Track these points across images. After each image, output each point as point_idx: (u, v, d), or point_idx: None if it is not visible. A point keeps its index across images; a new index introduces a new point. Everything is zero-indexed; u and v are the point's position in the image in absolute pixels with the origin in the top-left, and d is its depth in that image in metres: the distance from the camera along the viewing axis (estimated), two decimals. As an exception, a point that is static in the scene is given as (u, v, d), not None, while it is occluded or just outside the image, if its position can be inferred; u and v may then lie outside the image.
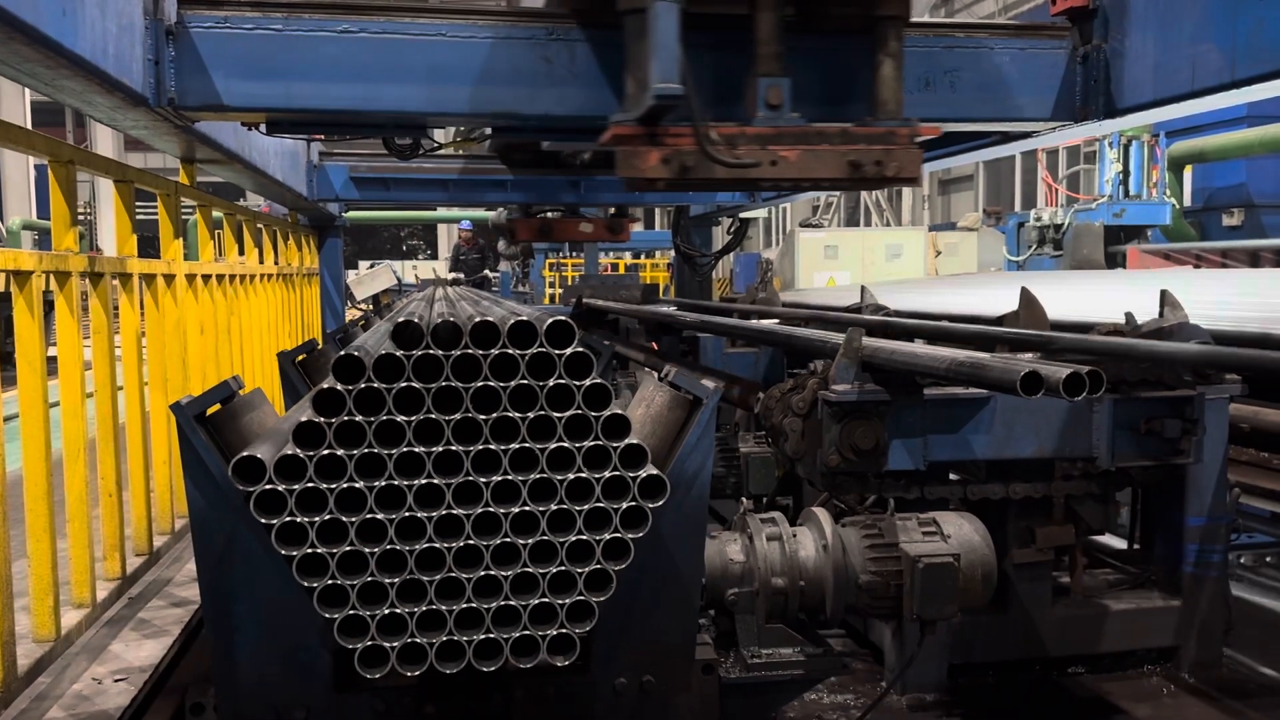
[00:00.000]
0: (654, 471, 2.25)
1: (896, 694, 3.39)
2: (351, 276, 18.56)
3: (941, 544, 3.03)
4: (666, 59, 2.96)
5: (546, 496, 2.23)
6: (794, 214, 28.26)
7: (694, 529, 2.53)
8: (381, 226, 40.11)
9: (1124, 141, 14.66)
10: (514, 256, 16.01)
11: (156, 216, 4.84)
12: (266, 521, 2.12)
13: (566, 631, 2.27)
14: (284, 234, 7.72)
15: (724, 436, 4.48)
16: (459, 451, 2.17)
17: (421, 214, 24.91)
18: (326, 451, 2.12)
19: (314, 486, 2.12)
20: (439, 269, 22.30)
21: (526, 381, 2.19)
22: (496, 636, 2.23)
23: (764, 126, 3.23)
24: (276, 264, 7.23)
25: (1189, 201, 14.87)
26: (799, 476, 3.89)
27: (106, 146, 24.75)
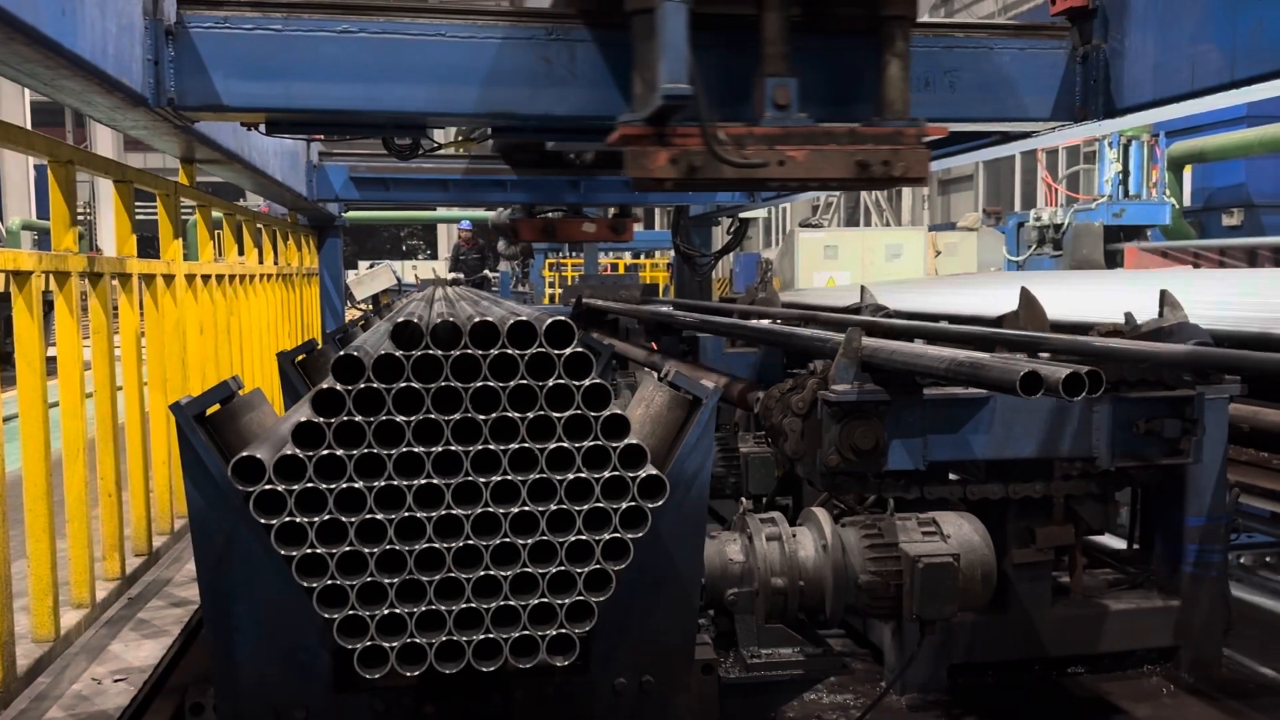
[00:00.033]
0: (653, 471, 2.25)
1: (896, 694, 3.39)
2: (351, 276, 18.56)
3: (941, 544, 3.03)
4: (675, 59, 2.95)
5: (546, 496, 2.23)
6: (794, 214, 28.25)
7: (693, 529, 2.53)
8: (381, 226, 40.12)
9: (1124, 141, 14.66)
10: (514, 256, 16.00)
11: (156, 216, 4.84)
12: (266, 522, 2.12)
13: (566, 631, 2.27)
14: (283, 234, 7.72)
15: (724, 436, 4.48)
16: (458, 451, 2.17)
17: (421, 214, 24.90)
18: (326, 452, 2.12)
19: (313, 487, 2.12)
20: (439, 269, 22.30)
21: (526, 382, 2.19)
22: (496, 636, 2.23)
23: (772, 126, 3.22)
24: (276, 264, 7.22)
25: (1189, 201, 14.87)
26: (798, 476, 3.89)
27: (106, 147, 24.76)
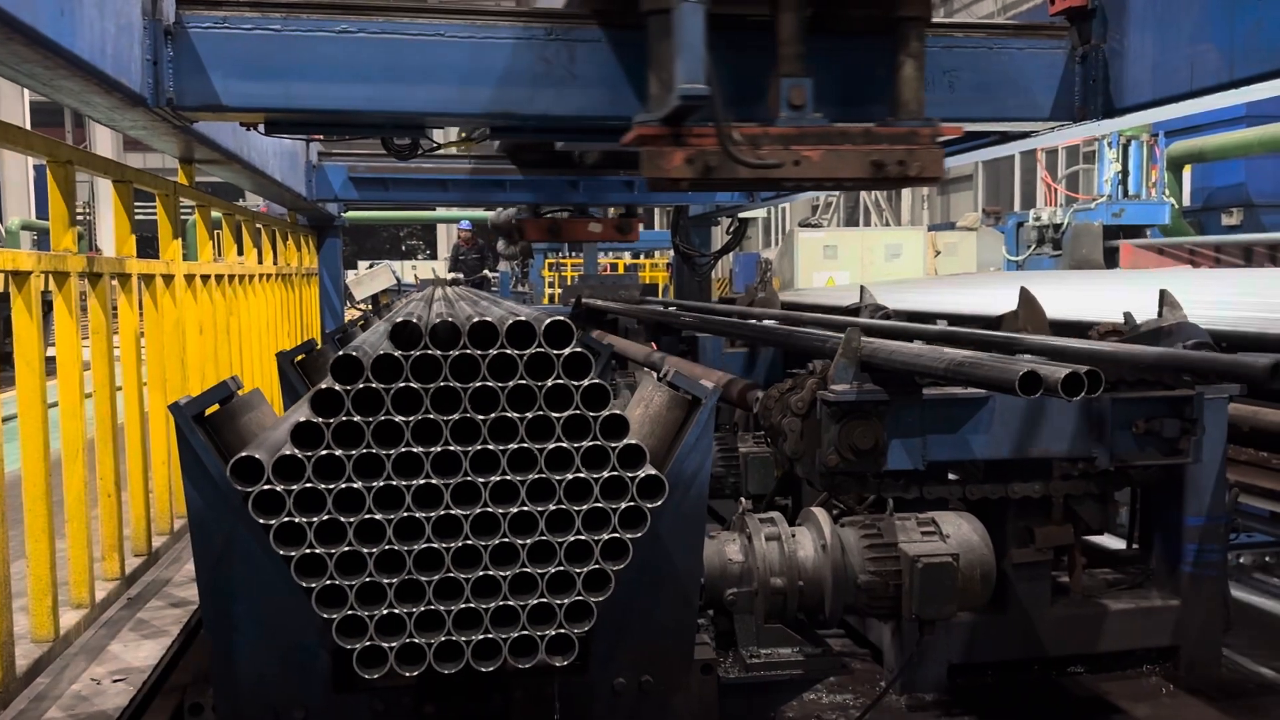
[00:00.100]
0: (652, 471, 2.25)
1: (895, 694, 3.39)
2: (350, 276, 18.56)
3: (940, 544, 3.03)
4: (692, 59, 2.94)
5: (545, 497, 2.23)
6: (793, 214, 28.26)
7: (693, 529, 2.53)
8: (380, 226, 40.13)
9: (1123, 141, 14.65)
10: (513, 256, 15.98)
11: (155, 217, 4.84)
12: (265, 522, 2.12)
13: (565, 631, 2.27)
14: (283, 234, 7.71)
15: (723, 436, 4.48)
16: (457, 452, 2.17)
17: (421, 214, 24.90)
18: (325, 452, 2.12)
19: (312, 487, 2.12)
20: (438, 269, 22.31)
21: (525, 382, 2.19)
22: (495, 636, 2.23)
23: (787, 126, 3.22)
24: (275, 264, 7.22)
25: (1188, 201, 14.85)
26: (798, 476, 3.90)
27: (105, 147, 24.76)
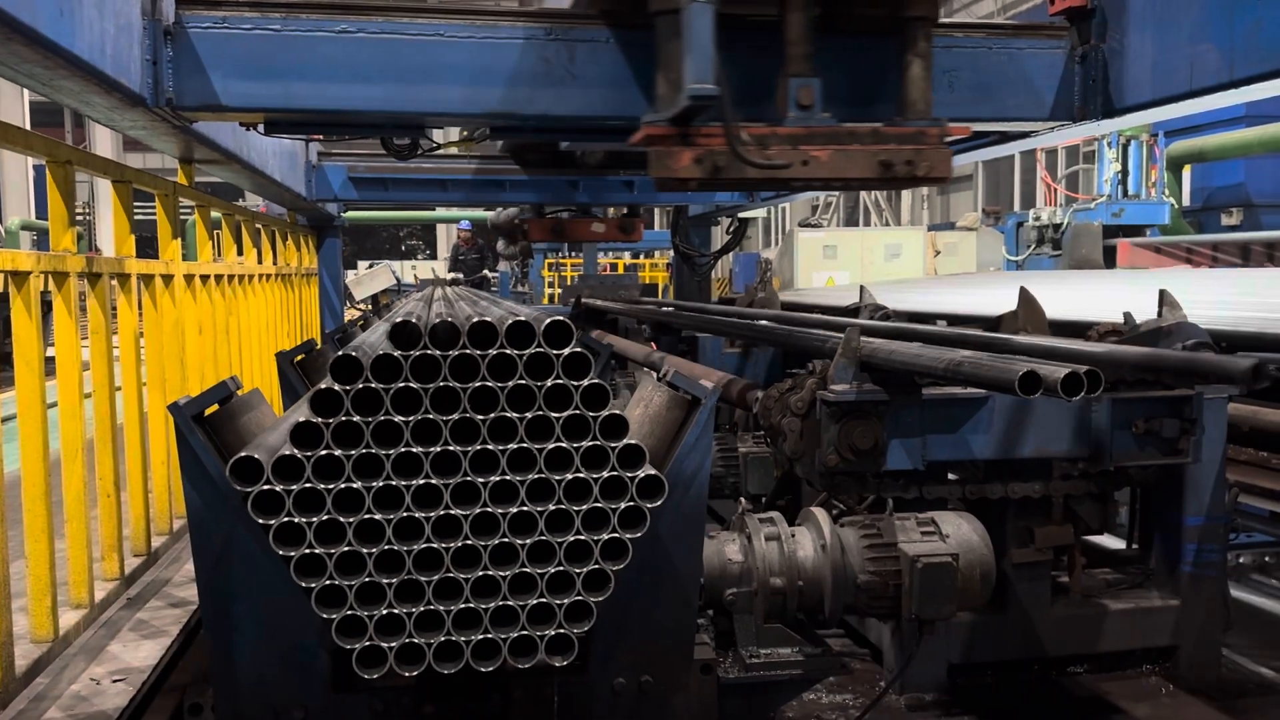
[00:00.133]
0: (652, 471, 2.25)
1: (895, 694, 3.39)
2: (350, 277, 18.56)
3: (940, 544, 3.03)
4: (701, 60, 2.93)
5: (544, 497, 2.23)
6: (793, 214, 28.26)
7: (692, 529, 2.53)
8: (380, 227, 40.13)
9: (1123, 141, 14.65)
10: (513, 256, 15.97)
11: (155, 217, 4.84)
12: (264, 522, 2.12)
13: (565, 631, 2.27)
14: (282, 234, 7.71)
15: (722, 436, 4.48)
16: (457, 452, 2.17)
17: (420, 214, 24.90)
18: (324, 452, 2.12)
19: (312, 487, 2.12)
20: (438, 269, 22.32)
21: (524, 382, 2.19)
22: (495, 636, 2.23)
23: (795, 127, 3.21)
24: (275, 264, 7.22)
25: (1188, 201, 14.85)
26: (797, 476, 3.89)
27: (105, 147, 24.77)
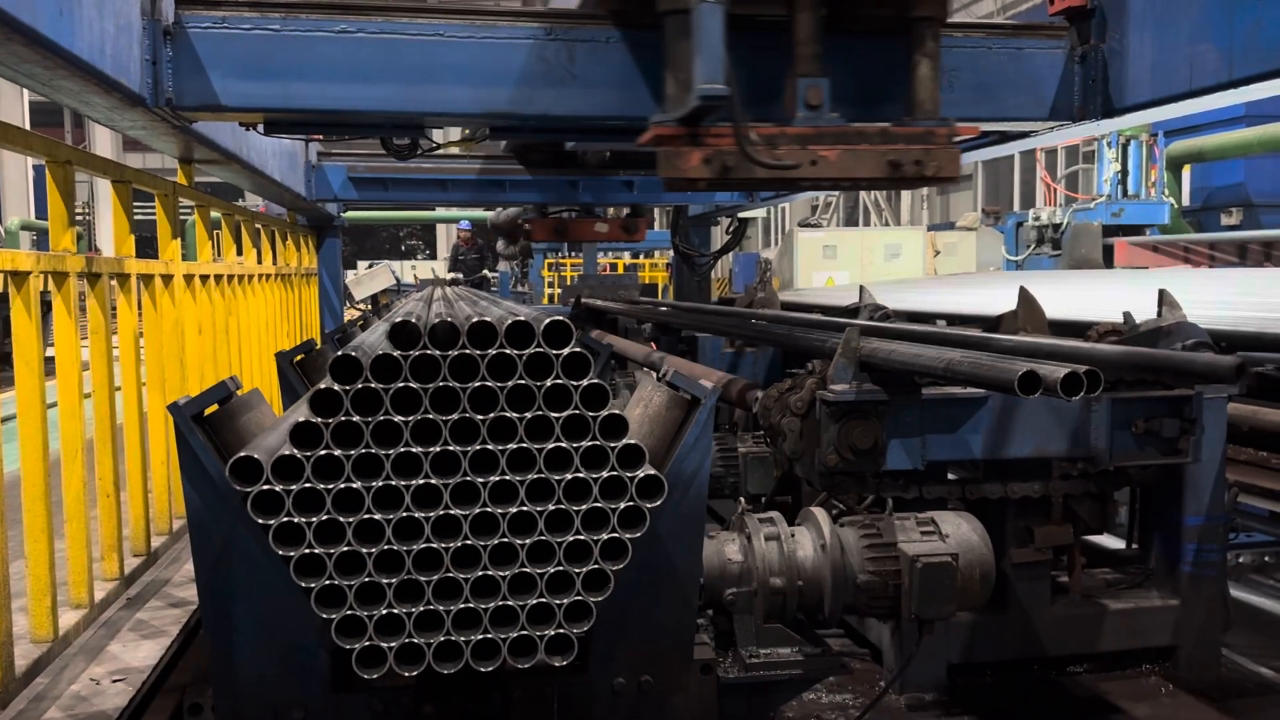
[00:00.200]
0: (652, 471, 2.25)
1: (895, 693, 3.39)
2: (350, 277, 18.57)
3: (940, 543, 3.03)
4: (712, 60, 2.93)
5: (544, 497, 2.23)
6: (793, 214, 28.26)
7: (692, 529, 2.53)
8: (380, 227, 40.13)
9: (1122, 141, 14.65)
10: (513, 256, 15.99)
11: (154, 217, 4.84)
12: (264, 522, 2.11)
13: (564, 631, 2.27)
14: (282, 234, 7.71)
15: (722, 436, 4.48)
16: (456, 452, 2.17)
17: (420, 214, 24.90)
18: (324, 452, 2.12)
19: (311, 487, 2.12)
20: (438, 269, 22.32)
21: (524, 381, 2.19)
22: (494, 636, 2.23)
23: (804, 126, 3.22)
24: (275, 264, 7.22)
25: (1187, 201, 14.85)
26: (797, 476, 3.89)
27: (105, 147, 24.78)
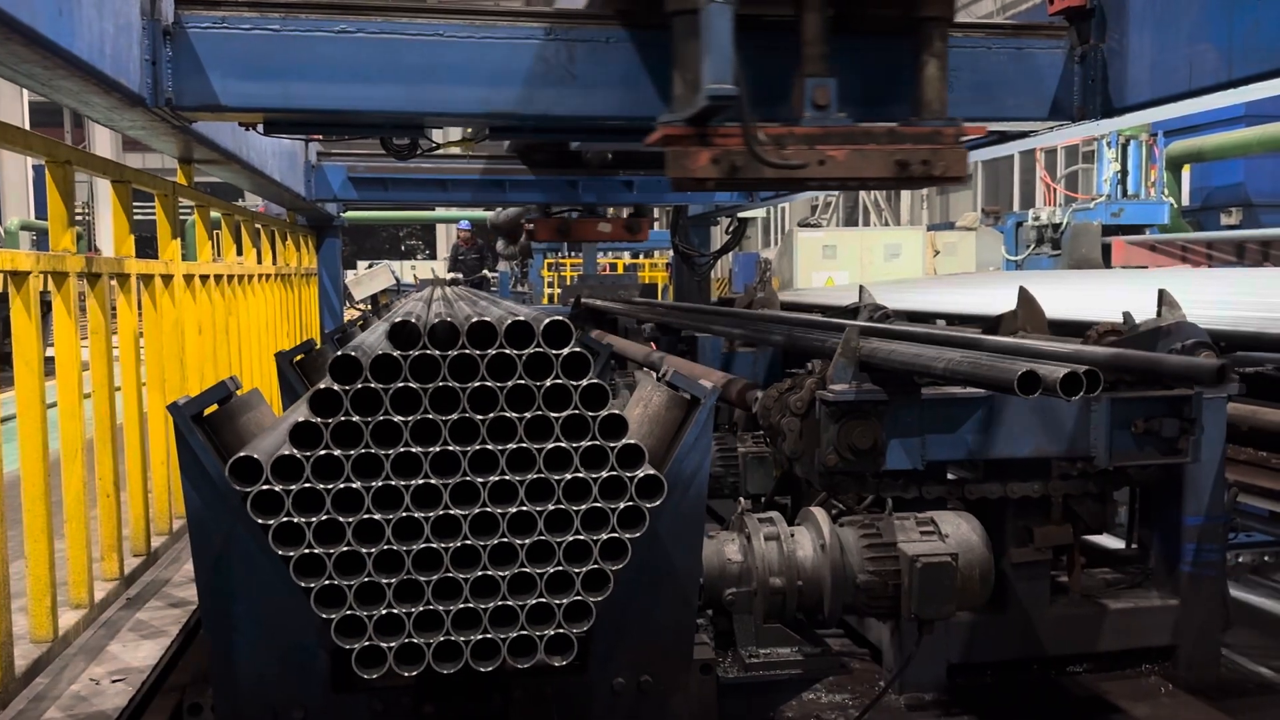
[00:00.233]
0: (651, 471, 2.25)
1: (895, 693, 3.39)
2: (350, 277, 18.57)
3: (939, 543, 3.03)
4: (720, 60, 2.92)
5: (544, 496, 2.23)
6: (792, 214, 28.26)
7: (692, 529, 2.53)
8: (380, 227, 40.13)
9: (1122, 141, 14.64)
10: (512, 256, 16.00)
11: (154, 217, 4.84)
12: (263, 522, 2.11)
13: (564, 631, 2.27)
14: (282, 234, 7.71)
15: (722, 436, 4.48)
16: (456, 452, 2.17)
17: (420, 214, 24.90)
18: (323, 452, 2.12)
19: (311, 487, 2.12)
20: (437, 269, 22.32)
21: (524, 381, 2.19)
22: (494, 636, 2.23)
23: (812, 126, 3.21)
24: (274, 264, 7.22)
25: (1187, 201, 14.85)
26: (797, 476, 3.89)
27: (104, 147, 24.78)
